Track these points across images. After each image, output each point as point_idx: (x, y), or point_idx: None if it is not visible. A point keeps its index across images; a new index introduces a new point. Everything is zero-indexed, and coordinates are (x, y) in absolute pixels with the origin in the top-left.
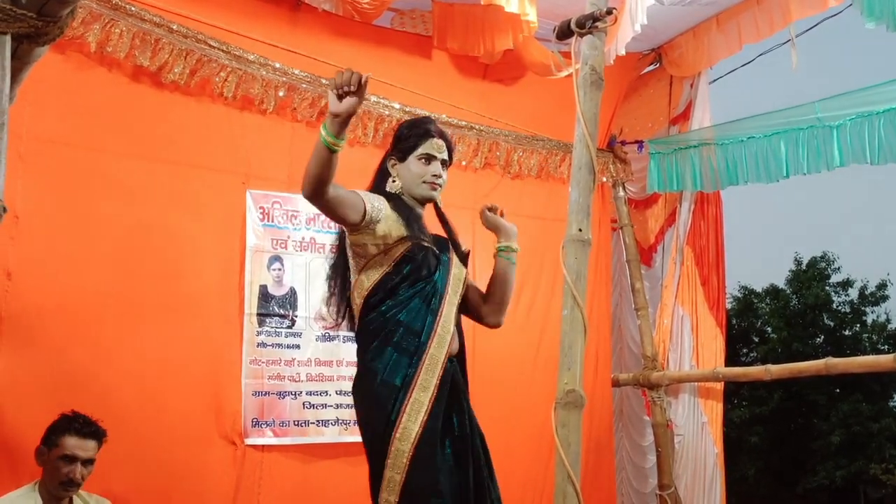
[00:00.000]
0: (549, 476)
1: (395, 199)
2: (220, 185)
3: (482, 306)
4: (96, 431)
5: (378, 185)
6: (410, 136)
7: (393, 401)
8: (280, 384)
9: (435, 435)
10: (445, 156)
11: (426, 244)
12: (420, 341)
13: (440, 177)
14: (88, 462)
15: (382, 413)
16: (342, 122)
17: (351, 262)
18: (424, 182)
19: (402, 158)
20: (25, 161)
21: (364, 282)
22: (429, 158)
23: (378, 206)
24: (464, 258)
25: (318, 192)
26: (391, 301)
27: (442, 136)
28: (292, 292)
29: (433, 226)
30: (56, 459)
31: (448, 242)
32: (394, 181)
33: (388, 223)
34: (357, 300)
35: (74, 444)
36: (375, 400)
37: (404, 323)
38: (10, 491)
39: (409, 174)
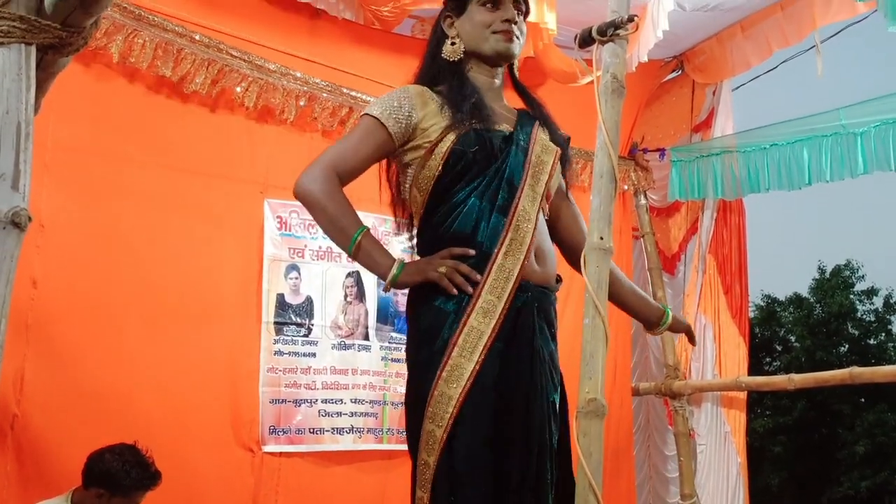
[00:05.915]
0: None
1: (443, 80)
2: (238, 195)
3: (574, 249)
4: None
5: (430, 60)
6: None
7: (442, 330)
8: (296, 392)
9: (491, 383)
10: None
11: (482, 126)
12: (482, 251)
13: (515, 23)
14: None
15: (428, 349)
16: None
17: (404, 187)
18: (494, 32)
19: (461, 10)
20: (50, 170)
21: (417, 197)
22: (496, 1)
23: (405, 110)
24: (561, 141)
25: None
26: (444, 208)
27: None
28: (309, 301)
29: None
30: None
31: (533, 118)
32: (452, 44)
33: (428, 120)
34: (416, 223)
35: (141, 498)
36: (424, 333)
37: (457, 232)
38: (39, 499)
39: (471, 27)
